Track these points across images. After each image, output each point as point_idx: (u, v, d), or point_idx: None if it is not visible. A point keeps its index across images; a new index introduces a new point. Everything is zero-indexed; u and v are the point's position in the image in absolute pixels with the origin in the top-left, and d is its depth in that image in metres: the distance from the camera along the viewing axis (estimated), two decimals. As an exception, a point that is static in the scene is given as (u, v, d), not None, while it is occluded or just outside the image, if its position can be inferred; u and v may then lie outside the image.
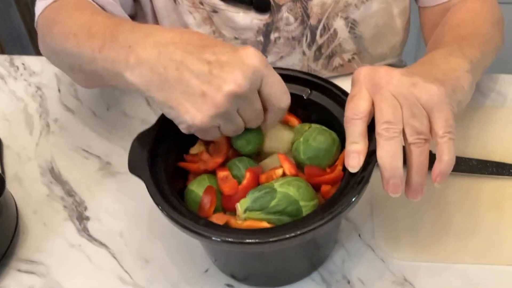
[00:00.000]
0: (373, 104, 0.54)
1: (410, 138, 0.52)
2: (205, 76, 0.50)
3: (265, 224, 0.53)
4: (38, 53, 0.80)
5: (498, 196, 0.68)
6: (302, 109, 0.65)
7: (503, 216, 0.67)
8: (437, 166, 0.53)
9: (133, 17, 0.84)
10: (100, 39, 0.58)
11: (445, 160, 0.52)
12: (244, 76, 0.49)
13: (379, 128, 0.52)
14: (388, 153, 0.51)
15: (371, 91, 0.54)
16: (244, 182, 0.57)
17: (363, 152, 0.53)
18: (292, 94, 0.64)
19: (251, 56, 0.50)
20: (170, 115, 0.53)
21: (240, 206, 0.54)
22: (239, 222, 0.54)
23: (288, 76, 0.64)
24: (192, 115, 0.50)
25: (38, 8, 0.75)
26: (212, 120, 0.51)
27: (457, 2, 0.80)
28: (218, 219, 0.54)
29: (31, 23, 1.84)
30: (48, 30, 0.71)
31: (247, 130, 0.58)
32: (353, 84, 0.56)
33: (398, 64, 0.95)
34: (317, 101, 0.64)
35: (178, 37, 0.52)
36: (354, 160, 0.53)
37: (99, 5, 0.75)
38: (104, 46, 0.57)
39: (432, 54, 0.64)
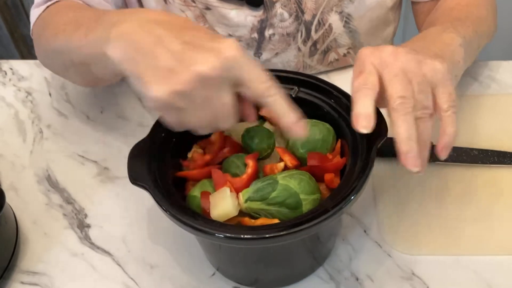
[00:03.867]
0: (381, 81, 0.53)
1: (417, 113, 0.52)
2: (178, 53, 0.48)
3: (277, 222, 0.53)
4: (22, 56, 0.79)
5: (502, 185, 0.68)
6: None
7: (510, 206, 0.67)
8: (442, 139, 0.54)
9: None
10: (86, 27, 0.58)
11: (450, 132, 0.54)
12: (218, 61, 0.48)
13: (394, 103, 0.52)
14: (406, 128, 0.51)
15: (379, 68, 0.54)
16: (249, 170, 0.57)
17: (373, 116, 0.52)
18: None
19: (230, 48, 0.48)
20: (136, 87, 0.51)
21: (242, 196, 0.55)
22: (252, 221, 0.54)
23: (275, 77, 0.64)
24: (155, 87, 0.48)
25: (33, 16, 0.75)
26: (173, 96, 0.48)
27: None
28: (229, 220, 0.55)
29: (12, 23, 1.80)
30: (41, 34, 0.71)
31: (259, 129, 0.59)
32: (358, 63, 0.55)
33: None
34: (306, 98, 0.63)
35: (163, 16, 0.51)
36: (365, 120, 0.51)
37: (91, 6, 0.74)
38: (90, 30, 0.56)
39: (425, 32, 0.65)
